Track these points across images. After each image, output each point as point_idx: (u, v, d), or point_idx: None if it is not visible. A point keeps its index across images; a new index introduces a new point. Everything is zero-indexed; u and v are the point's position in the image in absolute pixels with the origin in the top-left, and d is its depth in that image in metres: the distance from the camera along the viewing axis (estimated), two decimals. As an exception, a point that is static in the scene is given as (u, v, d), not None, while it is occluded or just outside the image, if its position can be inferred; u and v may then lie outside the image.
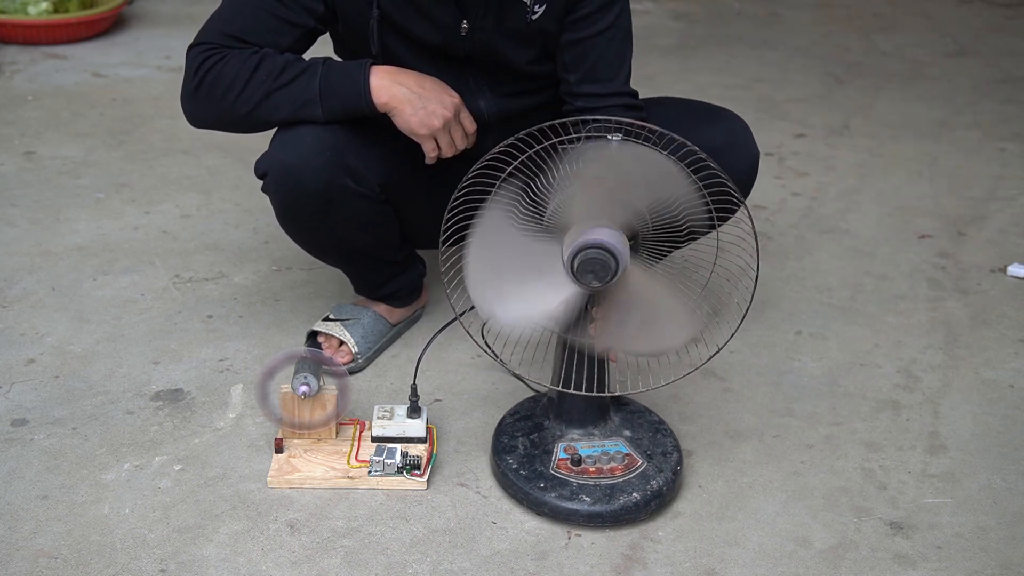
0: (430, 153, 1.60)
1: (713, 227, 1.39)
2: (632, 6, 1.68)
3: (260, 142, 2.69)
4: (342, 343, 1.77)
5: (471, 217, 1.42)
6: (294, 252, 2.11)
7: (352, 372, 1.74)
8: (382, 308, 1.84)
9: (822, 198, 2.45)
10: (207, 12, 1.58)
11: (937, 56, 3.46)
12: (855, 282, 2.12)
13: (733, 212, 1.43)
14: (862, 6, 3.95)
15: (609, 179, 1.33)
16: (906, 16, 3.86)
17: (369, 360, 1.79)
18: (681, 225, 1.39)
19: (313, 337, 1.80)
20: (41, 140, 2.55)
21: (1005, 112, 3.02)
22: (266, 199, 1.63)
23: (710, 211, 1.35)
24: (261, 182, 1.65)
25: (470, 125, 1.62)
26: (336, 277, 2.02)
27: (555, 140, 1.39)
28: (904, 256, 2.22)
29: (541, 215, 1.41)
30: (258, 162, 1.63)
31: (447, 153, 1.61)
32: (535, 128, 1.40)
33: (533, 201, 1.41)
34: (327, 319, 1.80)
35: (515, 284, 1.37)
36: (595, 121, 1.43)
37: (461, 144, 1.62)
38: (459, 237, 1.48)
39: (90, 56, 3.09)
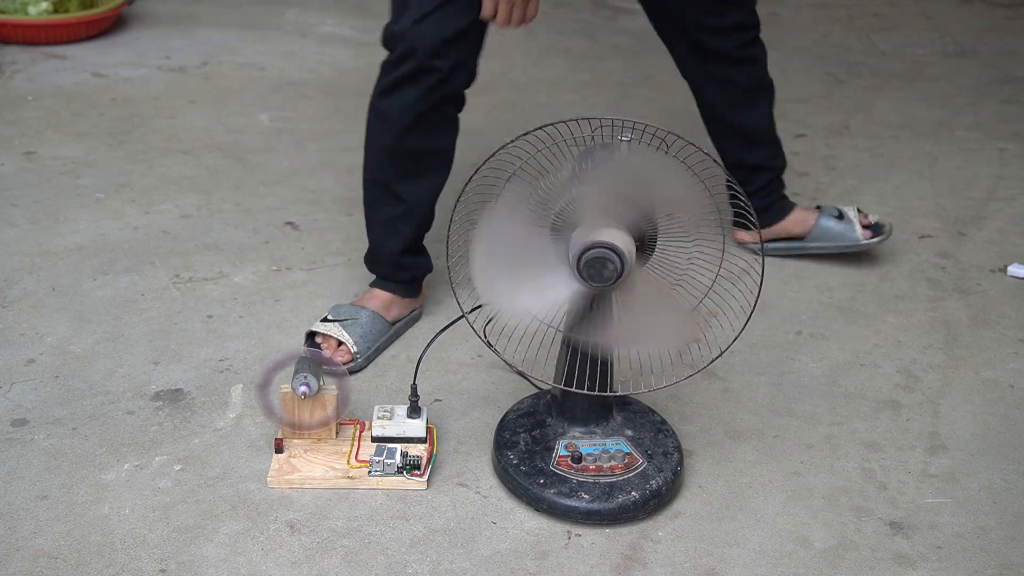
0: (487, 11, 1.65)
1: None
2: (632, 6, 1.69)
3: (261, 142, 2.69)
4: (341, 343, 1.78)
5: (479, 211, 1.42)
6: (294, 252, 2.12)
7: (352, 372, 1.74)
8: (379, 302, 1.84)
9: (822, 198, 2.45)
10: (207, 12, 1.58)
11: (937, 56, 3.46)
12: (855, 282, 2.12)
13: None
14: (862, 6, 3.95)
15: (618, 181, 1.34)
16: (906, 16, 3.86)
17: (369, 360, 1.79)
18: (688, 232, 1.39)
19: (311, 338, 1.80)
20: (41, 140, 2.55)
21: (1005, 112, 3.02)
22: (266, 199, 1.63)
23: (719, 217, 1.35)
24: (268, 184, 1.64)
25: (533, 11, 1.67)
26: (336, 277, 2.03)
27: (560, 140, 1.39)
28: (904, 256, 2.22)
29: (548, 211, 1.41)
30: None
31: (500, 22, 1.66)
32: (544, 126, 1.40)
33: (542, 198, 1.41)
34: (325, 320, 1.80)
35: (521, 278, 1.37)
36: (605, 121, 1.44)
37: (516, 23, 1.67)
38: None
39: (90, 56, 3.09)
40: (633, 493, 1.46)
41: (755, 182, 2.09)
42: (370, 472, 1.52)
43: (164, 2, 3.55)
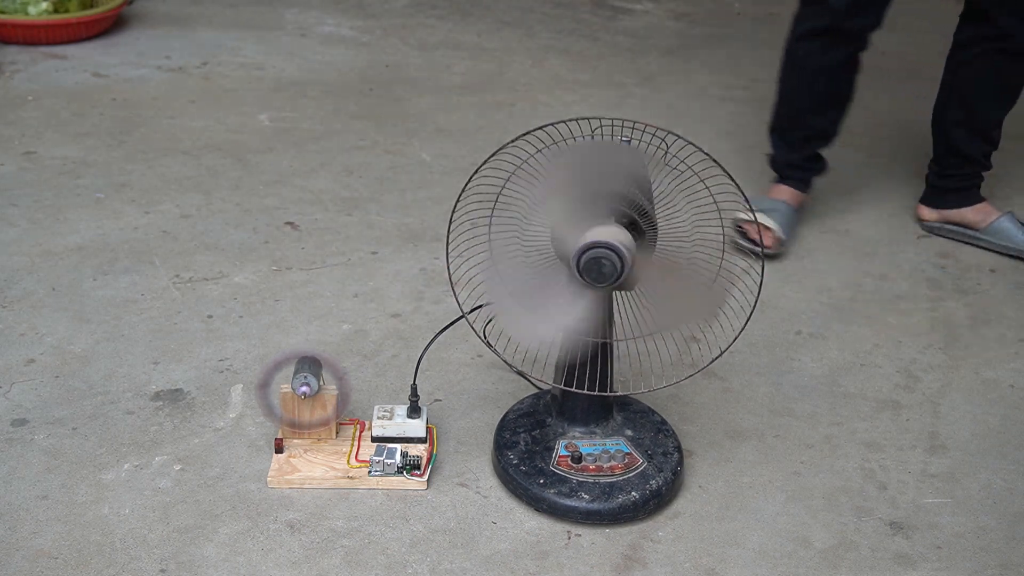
0: None
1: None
2: (632, 6, 1.68)
3: (261, 142, 2.69)
4: (768, 229, 2.10)
5: (478, 212, 1.43)
6: (294, 252, 2.12)
7: (774, 257, 2.09)
8: (790, 194, 2.24)
9: (822, 198, 2.45)
10: (207, 12, 1.58)
11: (937, 56, 3.46)
12: (855, 282, 2.12)
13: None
14: (862, 6, 3.94)
15: (577, 175, 1.34)
16: (906, 16, 3.86)
17: (784, 246, 2.15)
18: (688, 232, 1.40)
19: (738, 227, 2.05)
20: (41, 140, 2.55)
21: (1005, 112, 3.02)
22: (266, 199, 1.63)
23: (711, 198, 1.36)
24: (268, 184, 1.65)
25: None
26: (336, 277, 2.03)
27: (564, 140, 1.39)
28: (904, 256, 2.22)
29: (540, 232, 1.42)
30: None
31: None
32: (544, 126, 1.40)
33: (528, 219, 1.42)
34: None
35: (538, 304, 1.38)
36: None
37: None
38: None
39: (90, 56, 3.09)
40: (633, 493, 1.46)
41: (958, 166, 2.29)
42: (370, 472, 1.52)
43: (164, 2, 3.55)
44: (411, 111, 2.82)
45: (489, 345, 1.56)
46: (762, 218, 2.07)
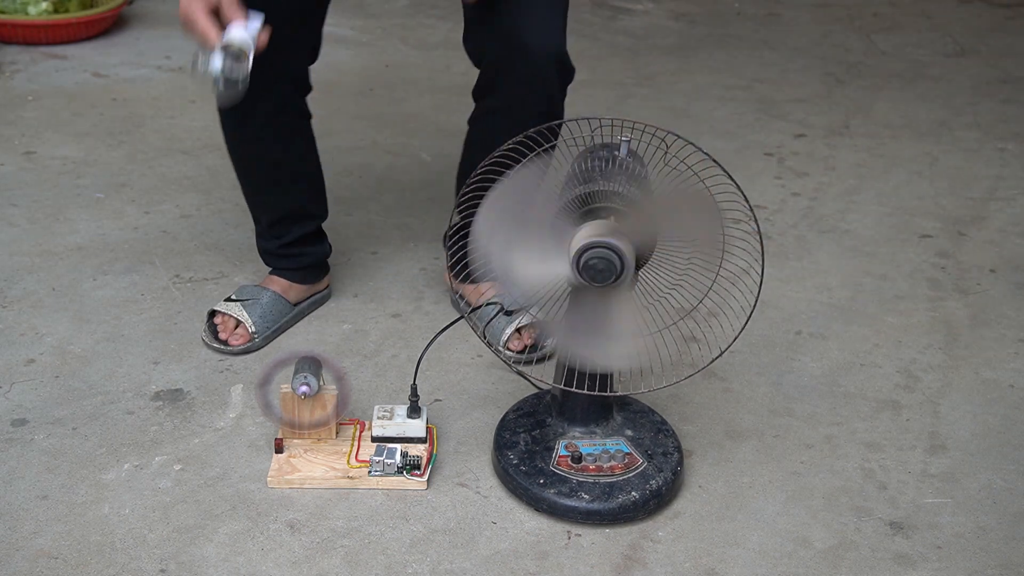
0: None
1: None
2: (632, 6, 1.68)
3: (260, 142, 2.66)
4: (239, 323, 1.80)
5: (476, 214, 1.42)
6: (294, 252, 2.11)
7: (248, 351, 1.77)
8: (281, 286, 1.86)
9: (822, 198, 2.45)
10: (207, 12, 1.58)
11: (937, 56, 3.46)
12: (855, 282, 2.12)
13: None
14: (862, 6, 3.95)
15: (659, 215, 1.34)
16: (906, 16, 3.87)
17: (267, 340, 1.81)
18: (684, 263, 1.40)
19: (211, 317, 1.82)
20: (41, 140, 2.55)
21: (1005, 112, 3.02)
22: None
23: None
24: None
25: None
26: (335, 276, 2.03)
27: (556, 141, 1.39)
28: (904, 256, 2.22)
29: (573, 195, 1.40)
30: None
31: None
32: (543, 127, 1.40)
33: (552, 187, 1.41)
34: (228, 299, 1.82)
35: (522, 242, 1.36)
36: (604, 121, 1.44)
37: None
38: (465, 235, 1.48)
39: (90, 56, 3.09)
40: (633, 493, 1.46)
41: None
42: (370, 472, 1.52)
43: (164, 2, 3.55)
44: (411, 111, 2.82)
45: (489, 345, 1.56)
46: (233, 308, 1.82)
